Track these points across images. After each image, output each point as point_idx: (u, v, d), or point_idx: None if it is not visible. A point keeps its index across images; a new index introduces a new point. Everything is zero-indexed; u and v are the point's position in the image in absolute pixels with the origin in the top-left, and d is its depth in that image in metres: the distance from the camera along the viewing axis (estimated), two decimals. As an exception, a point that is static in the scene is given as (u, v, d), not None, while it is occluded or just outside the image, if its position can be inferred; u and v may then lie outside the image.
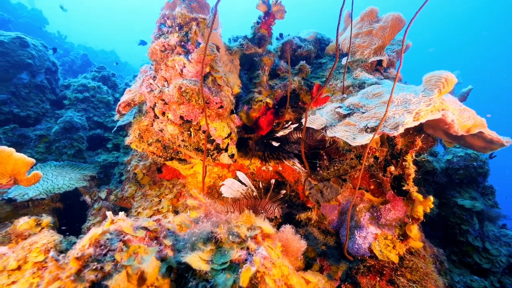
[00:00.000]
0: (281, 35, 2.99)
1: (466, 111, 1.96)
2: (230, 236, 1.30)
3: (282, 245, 1.50)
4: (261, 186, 2.94)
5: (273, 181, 2.58)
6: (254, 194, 2.88)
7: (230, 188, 2.78)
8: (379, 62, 2.62)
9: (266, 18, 2.64)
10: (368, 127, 1.89)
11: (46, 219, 2.20)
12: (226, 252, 1.22)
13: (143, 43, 7.77)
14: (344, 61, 2.71)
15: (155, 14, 2.55)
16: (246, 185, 2.81)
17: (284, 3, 2.93)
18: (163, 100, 2.09)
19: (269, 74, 2.76)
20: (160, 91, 2.08)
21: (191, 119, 2.20)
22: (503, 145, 2.09)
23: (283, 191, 2.83)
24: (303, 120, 2.40)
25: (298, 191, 3.41)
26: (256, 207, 2.91)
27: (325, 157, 2.96)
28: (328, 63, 2.86)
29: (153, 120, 2.31)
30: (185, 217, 1.63)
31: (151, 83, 2.21)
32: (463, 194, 3.17)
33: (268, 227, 1.41)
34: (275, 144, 2.90)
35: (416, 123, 1.78)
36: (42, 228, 2.16)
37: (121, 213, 1.38)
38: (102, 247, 1.11)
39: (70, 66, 12.39)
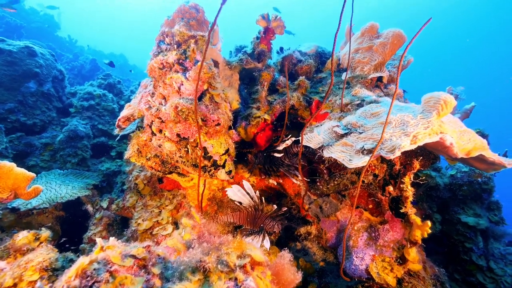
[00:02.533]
0: (281, 49, 2.99)
1: (467, 133, 1.91)
2: (219, 266, 1.29)
3: (276, 272, 1.48)
4: (263, 199, 2.93)
5: (275, 206, 2.58)
6: (256, 206, 2.87)
7: (236, 193, 2.76)
8: (380, 78, 2.59)
9: (266, 33, 2.64)
10: (365, 149, 1.86)
11: (45, 233, 2.23)
12: (213, 283, 1.21)
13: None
14: (344, 76, 2.69)
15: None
16: (250, 195, 2.79)
17: (285, 16, 2.93)
18: (160, 118, 2.10)
19: (269, 88, 2.76)
20: (157, 109, 2.09)
21: (188, 137, 2.21)
22: (505, 167, 2.03)
23: (284, 208, 2.81)
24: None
25: (298, 204, 3.38)
26: (256, 219, 2.89)
27: (325, 171, 2.93)
28: (328, 77, 2.84)
29: (151, 136, 2.33)
30: (178, 240, 1.63)
31: (149, 100, 2.22)
32: (467, 211, 3.09)
33: (258, 254, 1.40)
34: (277, 155, 2.88)
35: (414, 147, 1.75)
36: (41, 243, 2.19)
37: (112, 239, 1.39)
38: (89, 278, 1.11)
39: (79, 70, 12.63)
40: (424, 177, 1.93)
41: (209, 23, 2.53)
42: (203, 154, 2.35)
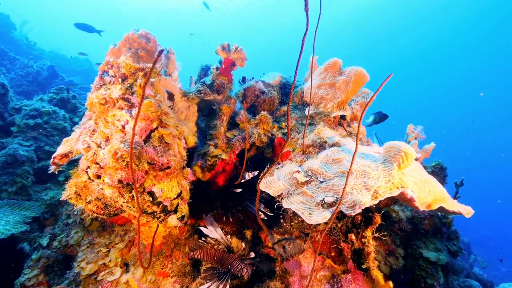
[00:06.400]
0: (244, 78, 2.83)
1: (427, 184, 1.86)
2: None
3: None
4: (229, 239, 2.71)
5: (243, 244, 2.39)
6: (222, 247, 2.65)
7: (213, 229, 2.57)
8: (343, 116, 2.52)
9: (226, 65, 2.47)
10: (325, 202, 1.73)
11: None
12: None
13: None
14: (307, 111, 2.58)
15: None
16: (219, 235, 2.59)
17: (250, 45, 2.79)
18: (98, 163, 1.83)
19: (229, 122, 2.58)
20: (94, 154, 1.82)
21: (132, 182, 1.94)
22: (463, 215, 2.01)
23: (252, 254, 2.61)
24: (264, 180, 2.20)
25: (261, 238, 3.20)
26: (224, 260, 2.66)
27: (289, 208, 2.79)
28: (292, 111, 2.73)
29: (90, 180, 2.03)
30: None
31: (86, 140, 1.94)
32: (428, 245, 3.10)
33: None
34: (237, 190, 2.70)
35: (375, 202, 1.64)
36: None
37: None
38: None
39: (34, 77, 11.61)
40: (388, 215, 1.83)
41: (163, 52, 2.31)
42: (151, 199, 2.10)
